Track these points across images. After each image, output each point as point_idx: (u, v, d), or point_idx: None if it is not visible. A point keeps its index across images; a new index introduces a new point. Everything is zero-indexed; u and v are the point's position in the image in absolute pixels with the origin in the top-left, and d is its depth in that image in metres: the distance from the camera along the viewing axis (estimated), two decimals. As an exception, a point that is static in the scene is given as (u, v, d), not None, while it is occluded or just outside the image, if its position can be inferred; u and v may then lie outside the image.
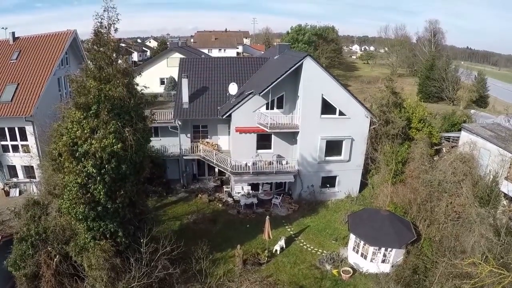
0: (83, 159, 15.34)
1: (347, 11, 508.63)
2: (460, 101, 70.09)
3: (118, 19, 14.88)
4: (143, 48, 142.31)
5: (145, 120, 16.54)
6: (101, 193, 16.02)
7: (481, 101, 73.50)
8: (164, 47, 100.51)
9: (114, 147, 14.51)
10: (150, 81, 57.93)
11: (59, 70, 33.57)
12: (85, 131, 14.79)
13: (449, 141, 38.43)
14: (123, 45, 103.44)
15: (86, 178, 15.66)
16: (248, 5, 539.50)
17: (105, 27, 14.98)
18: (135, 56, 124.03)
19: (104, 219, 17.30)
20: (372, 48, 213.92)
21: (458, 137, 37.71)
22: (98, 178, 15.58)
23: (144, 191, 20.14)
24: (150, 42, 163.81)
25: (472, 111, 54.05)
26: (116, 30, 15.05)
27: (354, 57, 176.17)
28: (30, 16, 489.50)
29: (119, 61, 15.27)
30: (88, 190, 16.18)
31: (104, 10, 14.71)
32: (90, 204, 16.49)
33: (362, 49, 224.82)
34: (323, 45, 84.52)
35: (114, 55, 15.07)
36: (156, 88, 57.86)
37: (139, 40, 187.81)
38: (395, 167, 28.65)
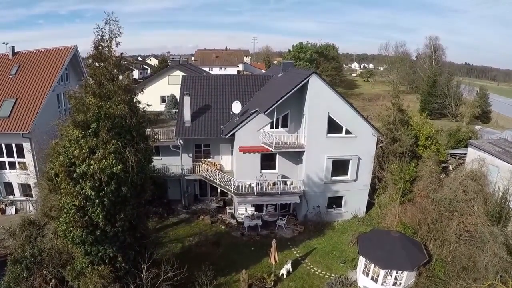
0: (81, 180, 14.54)
1: (345, 29, 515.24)
2: (463, 117, 69.75)
3: (120, 33, 14.25)
4: (144, 66, 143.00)
5: (147, 139, 15.78)
6: (100, 216, 15.19)
7: (484, 117, 73.14)
8: (164, 65, 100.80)
9: (114, 168, 13.71)
10: (151, 99, 58.01)
11: (59, 86, 33.02)
12: (84, 151, 14.02)
13: (455, 158, 37.65)
14: (125, 62, 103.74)
15: (84, 201, 14.85)
16: (248, 24, 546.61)
17: (106, 41, 14.33)
18: (135, 74, 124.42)
19: (103, 244, 16.47)
20: (371, 65, 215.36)
21: (465, 154, 37.02)
22: (97, 201, 14.77)
23: (145, 214, 19.25)
24: (150, 60, 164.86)
25: (477, 126, 53.50)
26: (118, 44, 14.40)
27: (354, 74, 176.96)
28: (32, 33, 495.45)
29: (120, 77, 14.54)
30: (86, 213, 15.36)
31: (106, 23, 14.11)
32: (88, 227, 15.67)
33: (361, 66, 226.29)
34: (324, 63, 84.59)
35: (115, 70, 14.36)
36: (157, 106, 57.35)
37: (139, 58, 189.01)
38: (403, 186, 27.84)
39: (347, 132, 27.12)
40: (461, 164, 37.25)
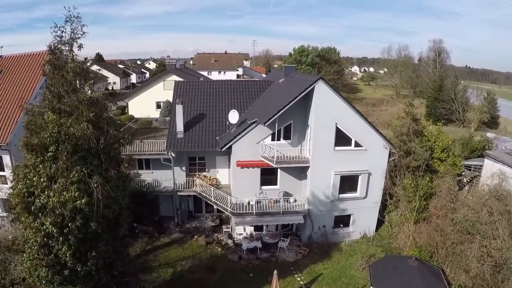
0: (40, 214, 11.90)
1: (345, 33, 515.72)
2: (470, 123, 67.20)
3: (84, 33, 11.52)
4: (142, 69, 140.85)
5: (120, 165, 12.97)
6: (67, 255, 12.54)
7: (492, 122, 70.50)
8: (162, 69, 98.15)
9: (77, 202, 11.01)
10: (146, 105, 55.80)
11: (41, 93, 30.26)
12: (42, 179, 11.36)
13: (470, 170, 34.94)
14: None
15: (45, 238, 12.21)
16: (248, 27, 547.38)
17: (67, 43, 11.59)
18: (133, 78, 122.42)
19: (74, 284, 13.82)
20: (371, 69, 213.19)
21: (481, 166, 34.39)
22: (61, 238, 12.12)
23: (125, 247, 16.49)
24: (149, 63, 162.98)
25: (489, 134, 50.70)
26: (80, 47, 11.66)
27: (355, 78, 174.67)
28: (31, 36, 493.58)
29: (86, 88, 11.74)
30: (51, 251, 12.73)
31: (66, 21, 11.41)
32: (55, 266, 13.03)
33: (362, 70, 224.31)
34: (326, 66, 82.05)
35: (77, 80, 11.58)
36: (152, 112, 54.94)
37: (138, 62, 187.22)
38: (418, 204, 25.18)
39: (357, 144, 24.38)
40: (477, 177, 34.67)
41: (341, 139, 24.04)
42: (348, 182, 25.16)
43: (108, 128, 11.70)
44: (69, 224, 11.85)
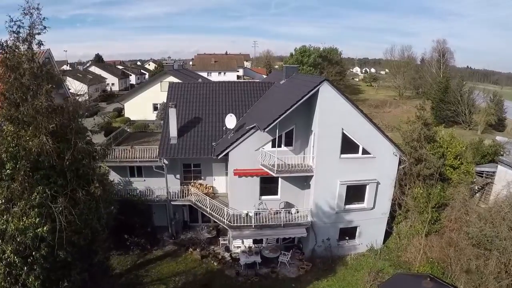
0: (0, 241, 10.09)
1: (346, 33, 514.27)
2: (476, 125, 65.30)
3: (44, 27, 9.67)
4: (142, 71, 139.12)
5: (90, 184, 10.90)
6: (35, 285, 10.72)
7: (499, 124, 68.55)
8: (161, 70, 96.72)
9: (38, 230, 9.17)
10: (142, 107, 54.15)
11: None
12: (-1, 201, 9.55)
13: (481, 176, 33.05)
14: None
15: (8, 268, 10.40)
16: (249, 28, 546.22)
17: (26, 41, 9.72)
18: (133, 79, 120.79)
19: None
20: (373, 70, 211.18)
21: (493, 172, 32.55)
22: (25, 268, 10.30)
23: (104, 272, 14.57)
24: (149, 64, 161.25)
25: (499, 138, 48.70)
26: (40, 44, 9.80)
27: (356, 79, 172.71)
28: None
29: (42, 94, 9.73)
30: (18, 280, 10.92)
31: (25, 13, 9.57)
32: (24, 296, 11.23)
33: (363, 71, 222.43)
34: (328, 67, 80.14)
35: (35, 84, 9.59)
36: (149, 114, 53.46)
37: (139, 63, 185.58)
38: (430, 215, 23.34)
39: (364, 152, 22.44)
40: (489, 184, 32.83)
41: (348, 146, 22.09)
42: (354, 192, 23.24)
43: (76, 141, 9.81)
44: (33, 253, 10.01)
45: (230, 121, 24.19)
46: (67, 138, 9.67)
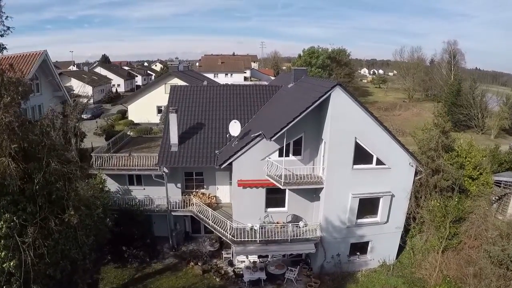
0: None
1: (353, 34, 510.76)
2: (490, 129, 63.37)
3: (8, 28, 8.31)
4: (148, 71, 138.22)
5: (65, 211, 9.25)
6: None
7: (512, 128, 66.49)
8: (166, 71, 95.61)
9: (5, 265, 7.76)
10: (146, 109, 52.85)
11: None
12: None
13: (499, 187, 31.23)
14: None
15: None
16: (256, 29, 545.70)
17: None
18: (139, 80, 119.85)
19: None
20: (381, 71, 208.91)
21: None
22: (-6, 303, 8.91)
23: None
24: (156, 65, 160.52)
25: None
26: (2, 48, 8.41)
27: (365, 81, 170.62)
28: (40, 38, 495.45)
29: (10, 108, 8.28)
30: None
31: None
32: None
33: (371, 72, 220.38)
34: (336, 69, 78.46)
35: None
36: (153, 117, 52.15)
37: (146, 64, 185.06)
38: (448, 231, 21.70)
39: (379, 162, 20.80)
40: (507, 195, 31.01)
41: (361, 156, 20.45)
42: (367, 205, 21.61)
43: (49, 160, 8.35)
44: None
45: (234, 128, 22.67)
46: (38, 157, 8.27)
